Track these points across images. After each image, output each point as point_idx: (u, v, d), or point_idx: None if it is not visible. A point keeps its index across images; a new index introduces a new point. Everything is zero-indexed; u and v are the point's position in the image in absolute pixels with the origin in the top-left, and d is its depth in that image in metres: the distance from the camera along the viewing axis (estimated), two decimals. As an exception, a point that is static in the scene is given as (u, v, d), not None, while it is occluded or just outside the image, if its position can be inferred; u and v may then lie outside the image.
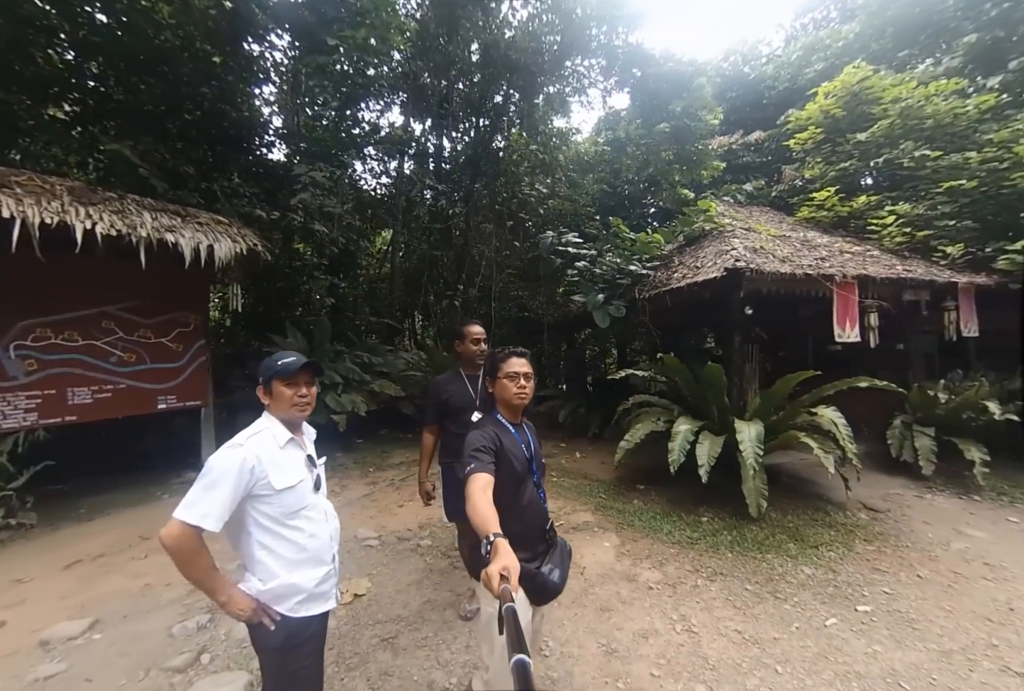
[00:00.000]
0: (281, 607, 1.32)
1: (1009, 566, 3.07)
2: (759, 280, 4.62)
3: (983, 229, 5.40)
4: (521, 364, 1.59)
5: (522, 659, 0.68)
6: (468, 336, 2.47)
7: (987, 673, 2.11)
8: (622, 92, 6.59)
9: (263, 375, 1.39)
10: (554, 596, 1.50)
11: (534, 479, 1.61)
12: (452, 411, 2.47)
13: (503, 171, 7.60)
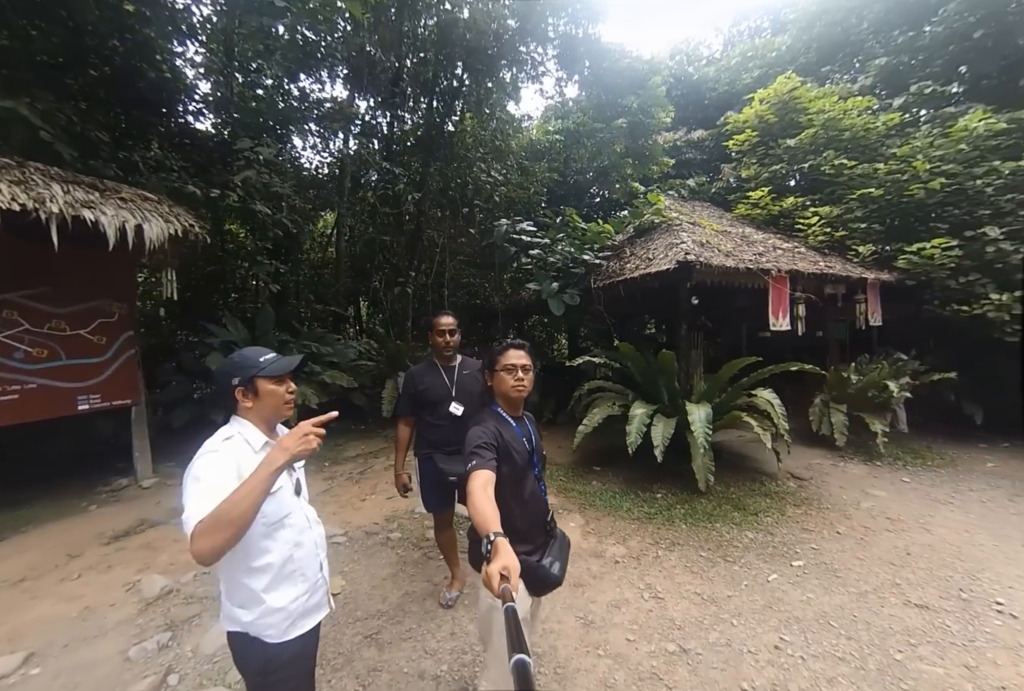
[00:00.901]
0: (265, 634, 1.21)
1: (905, 519, 3.65)
2: (707, 272, 4.95)
3: (887, 232, 6.18)
4: (519, 356, 1.56)
5: (522, 659, 0.68)
6: (436, 327, 2.45)
7: (894, 607, 2.53)
8: (576, 83, 6.66)
9: (241, 374, 1.25)
10: (554, 587, 1.51)
11: (535, 472, 1.60)
12: (429, 402, 2.47)
13: (456, 155, 7.44)
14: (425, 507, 2.57)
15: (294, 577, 1.27)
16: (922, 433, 5.70)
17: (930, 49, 7.68)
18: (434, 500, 2.55)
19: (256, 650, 1.22)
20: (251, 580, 1.20)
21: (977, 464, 4.88)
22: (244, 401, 1.27)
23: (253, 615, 1.20)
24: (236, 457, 1.18)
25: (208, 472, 1.13)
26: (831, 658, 2.15)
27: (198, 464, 1.15)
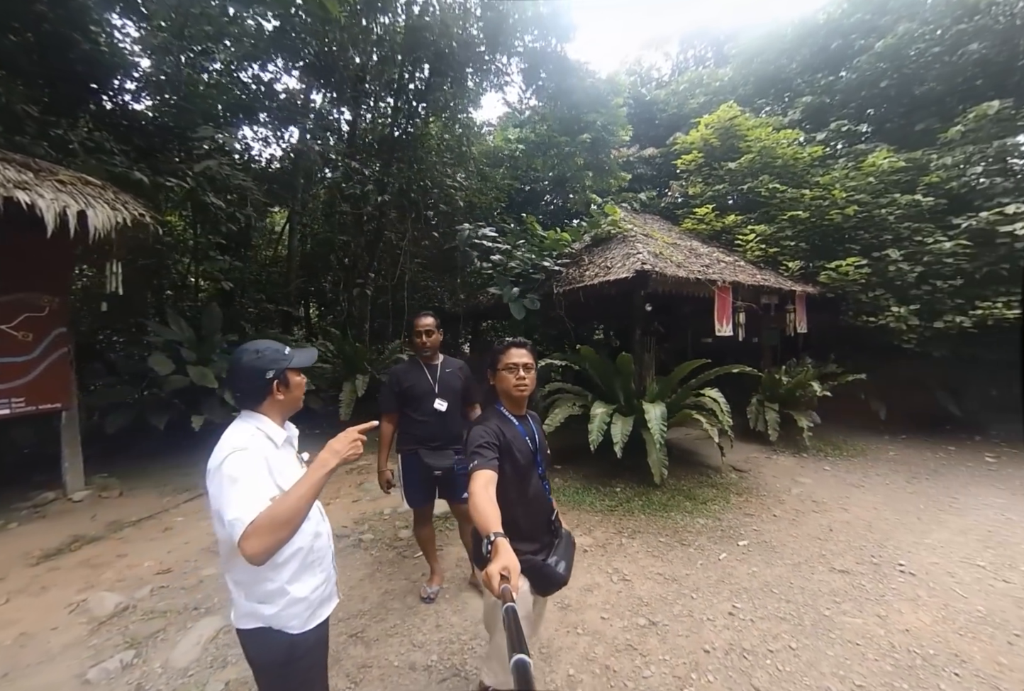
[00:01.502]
0: (289, 626, 1.23)
1: (827, 501, 4.17)
2: (661, 281, 5.31)
3: (812, 250, 6.97)
4: (520, 355, 1.55)
5: (522, 659, 0.68)
6: (415, 328, 2.53)
7: (821, 574, 2.94)
8: (537, 95, 6.90)
9: (274, 367, 1.26)
10: (560, 586, 1.49)
11: (539, 471, 1.59)
12: (413, 399, 2.54)
13: (418, 158, 7.44)
14: (408, 502, 2.62)
15: (314, 567, 1.29)
16: (838, 428, 6.47)
17: (846, 92, 8.78)
18: (418, 495, 2.61)
19: (279, 643, 1.22)
20: (276, 573, 1.20)
21: (882, 453, 5.65)
22: (278, 394, 1.28)
23: (277, 608, 1.21)
24: (264, 453, 1.19)
25: (244, 471, 1.12)
26: (774, 619, 2.47)
27: (230, 463, 1.13)
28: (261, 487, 1.12)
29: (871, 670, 2.09)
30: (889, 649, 2.23)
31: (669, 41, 14.81)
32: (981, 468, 5.08)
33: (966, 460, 5.34)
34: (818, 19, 9.66)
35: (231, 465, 1.12)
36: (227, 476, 1.11)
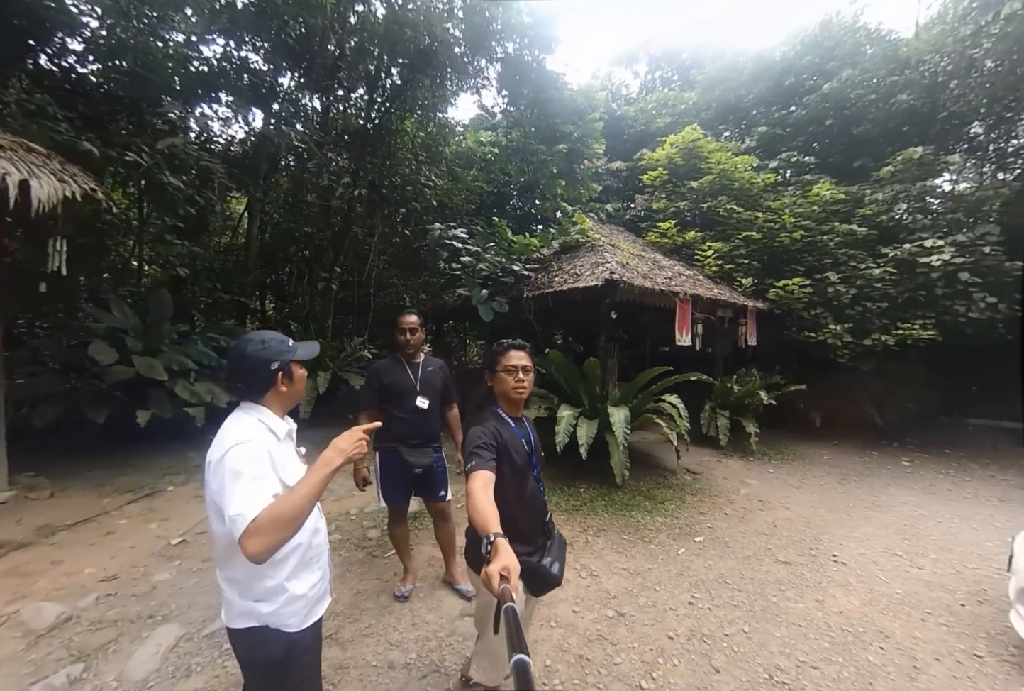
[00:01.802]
0: (287, 624, 1.20)
1: (771, 500, 4.53)
2: (628, 291, 5.53)
3: (763, 268, 7.54)
4: (520, 357, 1.55)
5: (522, 659, 0.68)
6: (399, 325, 2.55)
7: (768, 565, 3.22)
8: (518, 103, 7.00)
9: (280, 359, 1.24)
10: (554, 587, 1.53)
11: (535, 473, 1.60)
12: (394, 396, 2.54)
13: (391, 154, 7.34)
14: (384, 500, 2.61)
15: (312, 564, 1.28)
16: (780, 434, 7.01)
17: (796, 126, 9.59)
18: (395, 493, 2.60)
19: (276, 642, 1.19)
20: (275, 570, 1.18)
21: (817, 457, 6.20)
22: (282, 385, 1.26)
23: (275, 605, 1.18)
24: (267, 446, 1.17)
25: (247, 465, 1.09)
26: (729, 606, 2.69)
27: (233, 456, 1.09)
28: (265, 482, 1.09)
29: (812, 647, 2.34)
30: (826, 629, 2.49)
31: (639, 61, 15.52)
32: (899, 471, 5.70)
33: (886, 463, 5.97)
34: (774, 57, 10.50)
35: (234, 458, 1.09)
36: (230, 470, 1.07)
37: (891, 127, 8.56)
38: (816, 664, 2.21)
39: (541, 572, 1.47)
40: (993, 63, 7.77)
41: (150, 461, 4.92)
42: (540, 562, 1.48)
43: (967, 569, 3.25)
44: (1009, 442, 6.98)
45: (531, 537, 1.55)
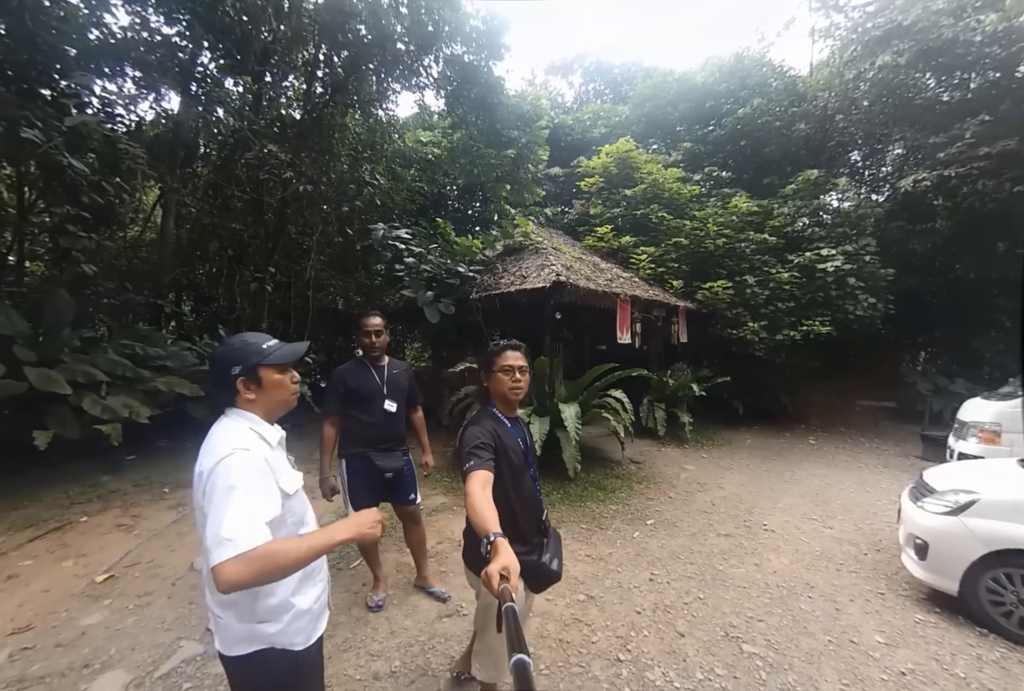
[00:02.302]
0: (294, 642, 1.14)
1: (707, 482, 5.00)
2: (574, 292, 5.79)
3: (691, 272, 8.24)
4: (516, 357, 1.56)
5: (522, 659, 0.68)
6: (362, 328, 2.49)
7: (712, 539, 3.57)
8: (464, 106, 7.00)
9: (242, 362, 1.14)
10: (553, 582, 1.55)
11: (531, 472, 1.61)
12: (360, 400, 2.48)
13: (329, 149, 7.05)
14: (353, 507, 2.52)
15: (314, 576, 1.23)
16: (709, 422, 7.70)
17: (715, 144, 10.62)
18: (365, 499, 2.51)
19: (283, 663, 1.13)
20: (279, 586, 1.11)
21: (742, 441, 6.91)
22: (246, 393, 1.15)
23: (281, 624, 1.11)
24: (264, 454, 1.10)
25: (244, 477, 1.00)
26: (684, 578, 2.96)
27: (228, 467, 1.00)
28: (261, 498, 1.01)
29: (756, 604, 2.66)
30: (765, 587, 2.85)
31: (574, 72, 16.21)
32: (807, 449, 6.54)
33: (797, 443, 6.82)
34: (696, 81, 11.53)
35: (229, 469, 1.00)
36: (224, 483, 0.98)
37: (792, 151, 9.79)
38: (761, 617, 2.53)
39: (541, 569, 1.48)
40: (868, 103, 9.19)
41: (54, 489, 4.26)
42: (540, 560, 1.49)
43: (865, 525, 3.85)
44: (887, 419, 8.27)
45: (528, 536, 1.56)
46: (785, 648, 2.28)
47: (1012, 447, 4.52)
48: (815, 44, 10.89)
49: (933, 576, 2.62)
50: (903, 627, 2.48)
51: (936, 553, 2.59)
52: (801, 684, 2.04)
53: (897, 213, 9.41)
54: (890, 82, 8.45)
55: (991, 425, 4.86)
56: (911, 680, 2.09)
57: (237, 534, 0.92)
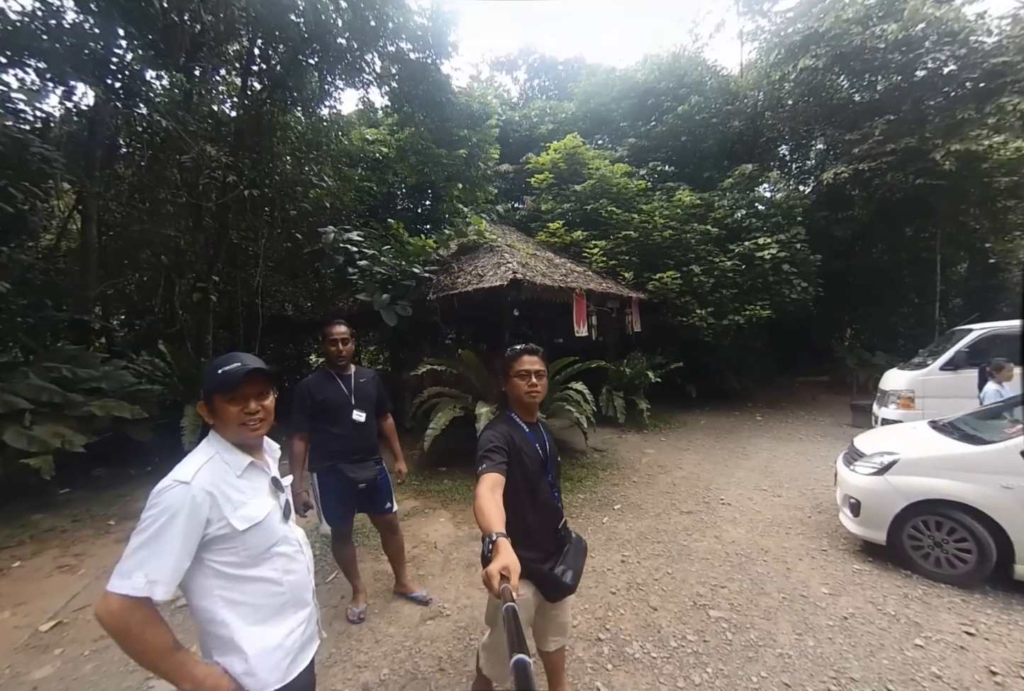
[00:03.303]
0: (269, 683, 1.07)
1: (667, 464, 5.28)
2: (531, 289, 5.85)
3: (641, 264, 8.57)
4: (532, 362, 1.55)
5: (522, 659, 0.68)
6: (328, 336, 2.42)
7: (676, 517, 3.80)
8: (412, 104, 6.83)
9: (203, 388, 1.12)
10: (566, 594, 1.53)
11: (548, 479, 1.58)
12: (329, 412, 2.42)
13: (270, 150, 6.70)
14: (328, 521, 2.46)
15: (286, 610, 1.14)
16: (665, 407, 8.09)
17: (658, 139, 11.05)
18: (339, 513, 2.48)
19: None
20: (240, 620, 1.05)
21: (697, 423, 7.32)
22: (208, 419, 1.13)
23: (247, 664, 1.04)
24: (208, 487, 1.03)
25: (160, 519, 0.95)
26: (653, 556, 3.15)
27: (159, 496, 0.98)
28: (165, 549, 0.95)
29: (720, 573, 2.88)
30: (726, 557, 3.09)
31: (519, 68, 16.27)
32: (755, 425, 7.03)
33: (746, 420, 7.31)
34: (637, 78, 11.91)
35: (157, 499, 0.98)
36: (144, 519, 0.96)
37: (728, 146, 10.38)
38: (724, 584, 2.75)
39: (551, 579, 1.46)
40: (793, 102, 9.90)
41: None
42: (552, 570, 1.47)
43: (808, 491, 4.24)
44: (822, 392, 9.02)
45: (542, 543, 1.53)
46: (746, 609, 2.49)
47: (924, 410, 5.11)
48: (744, 46, 11.58)
49: (865, 530, 2.95)
50: (843, 578, 2.78)
51: (867, 509, 2.91)
52: (762, 639, 2.25)
53: (822, 203, 10.25)
54: (810, 83, 9.16)
55: (906, 392, 5.46)
56: (852, 623, 2.37)
57: (127, 567, 0.93)
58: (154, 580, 0.93)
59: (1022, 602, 2.50)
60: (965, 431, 3.09)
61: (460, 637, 2.37)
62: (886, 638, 2.25)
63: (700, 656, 2.16)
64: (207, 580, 1.04)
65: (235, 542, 1.05)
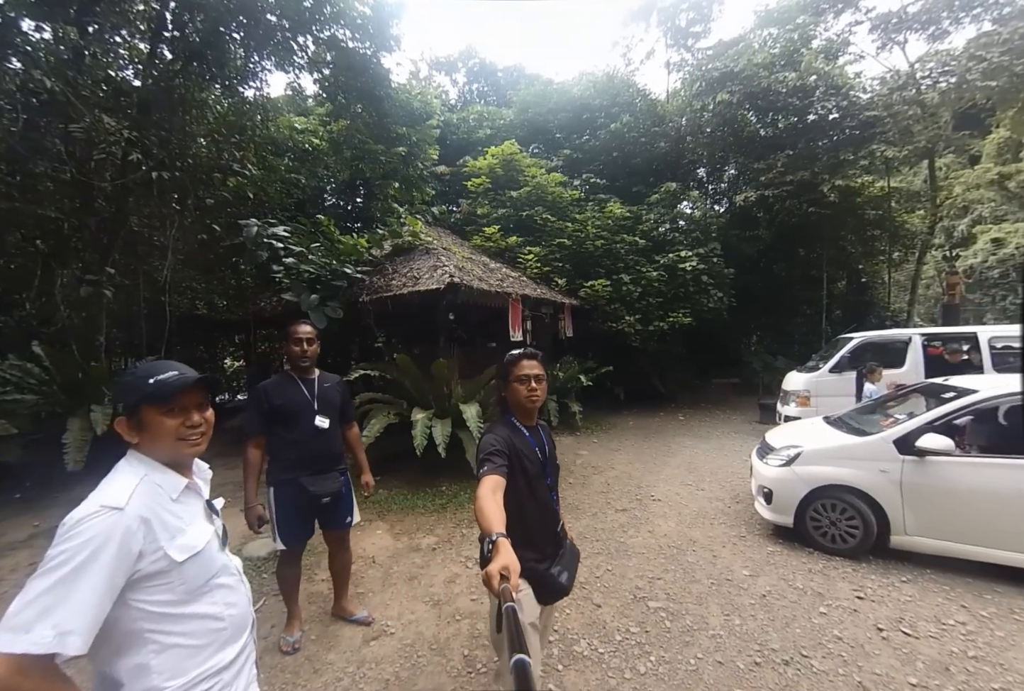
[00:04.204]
0: None
1: (600, 465, 5.50)
2: (468, 293, 5.80)
3: (574, 270, 8.89)
4: (532, 366, 1.58)
5: (522, 659, 0.68)
6: (291, 336, 2.28)
7: (612, 515, 3.96)
8: (348, 95, 6.47)
9: (125, 399, 0.98)
10: (562, 596, 1.56)
11: (547, 482, 1.61)
12: (288, 417, 2.23)
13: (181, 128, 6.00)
14: (283, 541, 2.24)
15: (202, 650, 0.98)
16: (595, 409, 8.44)
17: (591, 152, 11.62)
18: (296, 530, 2.27)
19: None
20: (173, 661, 0.92)
21: (626, 424, 7.73)
22: (127, 435, 0.97)
23: None
24: (143, 514, 0.90)
25: (79, 554, 0.80)
26: (593, 554, 3.26)
27: (81, 526, 0.82)
28: (89, 587, 0.79)
29: (654, 566, 3.06)
30: (659, 549, 3.28)
31: (458, 71, 16.20)
32: (678, 424, 7.58)
33: (670, 420, 7.86)
34: (574, 93, 12.46)
35: (77, 529, 0.82)
36: (56, 550, 0.80)
37: (654, 164, 11.19)
38: (660, 576, 2.92)
39: (547, 580, 1.49)
40: (711, 130, 10.97)
41: None
42: (548, 570, 1.50)
43: (728, 483, 4.65)
44: (734, 393, 9.98)
45: (541, 545, 1.55)
46: (681, 597, 2.67)
47: (817, 408, 5.85)
48: (670, 75, 12.62)
49: (777, 515, 3.30)
50: (760, 560, 3.09)
51: (778, 497, 3.27)
52: (696, 623, 2.43)
53: (734, 222, 11.42)
54: (726, 115, 10.23)
55: (804, 392, 6.22)
56: (769, 599, 2.64)
57: (28, 617, 0.75)
58: (66, 631, 0.76)
59: (897, 567, 2.96)
60: (852, 425, 3.58)
61: (407, 655, 2.27)
62: (797, 610, 2.53)
63: (643, 646, 2.26)
64: (132, 624, 0.88)
65: (171, 576, 0.92)
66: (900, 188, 12.35)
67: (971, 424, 3.30)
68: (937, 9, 10.16)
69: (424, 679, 2.10)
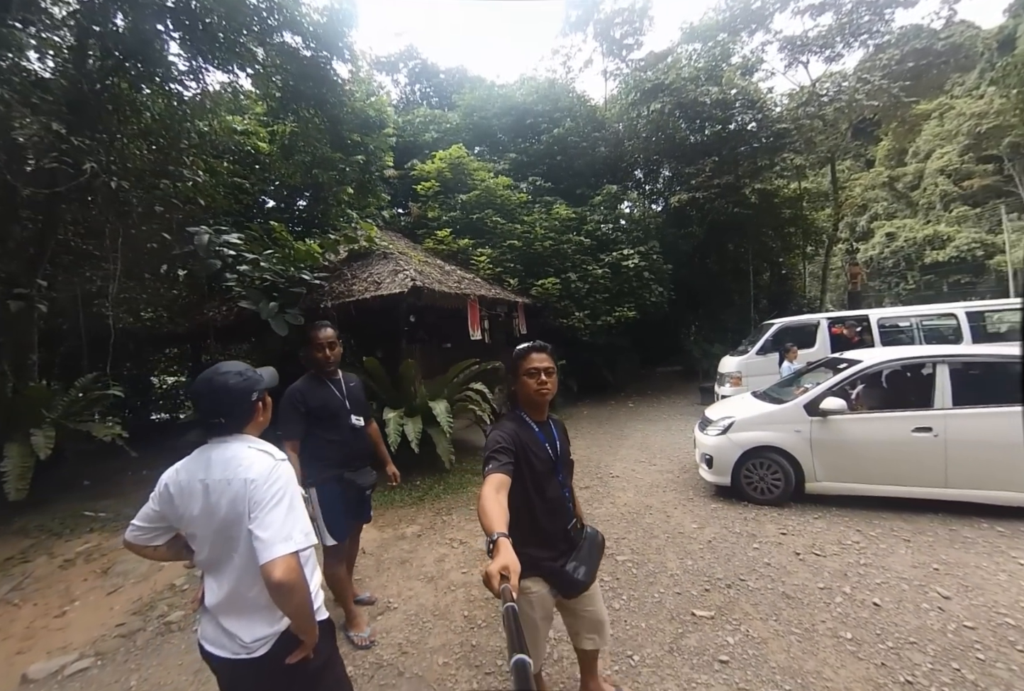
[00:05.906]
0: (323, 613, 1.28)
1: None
2: (430, 296, 6.00)
3: (525, 270, 9.27)
4: (541, 359, 1.54)
5: (522, 659, 0.69)
6: (315, 341, 2.31)
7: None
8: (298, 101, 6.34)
9: (258, 388, 1.26)
10: (581, 590, 1.54)
11: (558, 478, 1.58)
12: (326, 418, 2.30)
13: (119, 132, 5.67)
14: (333, 537, 2.28)
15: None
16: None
17: (536, 156, 12.06)
18: (343, 524, 2.34)
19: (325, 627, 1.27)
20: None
21: (581, 414, 8.26)
22: (260, 415, 1.30)
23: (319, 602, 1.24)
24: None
25: (289, 489, 1.15)
26: (566, 525, 3.62)
27: (280, 473, 1.16)
28: (303, 512, 1.17)
29: (617, 529, 3.50)
30: (622, 516, 3.74)
31: (400, 71, 16.04)
32: (629, 411, 8.22)
33: (621, 408, 8.49)
34: (517, 98, 12.79)
35: (281, 476, 1.16)
36: (278, 488, 1.13)
37: (596, 167, 11.84)
38: (624, 536, 3.36)
39: (564, 576, 1.50)
40: (646, 135, 11.81)
41: None
42: (563, 567, 1.51)
43: (676, 457, 5.24)
44: (677, 380, 10.85)
45: (554, 542, 1.55)
46: (642, 550, 3.12)
47: (748, 386, 6.63)
48: (607, 82, 13.37)
49: (717, 477, 3.86)
50: (706, 514, 3.63)
51: (717, 461, 3.82)
52: (657, 568, 2.88)
53: (671, 221, 12.37)
54: (659, 122, 11.08)
55: (736, 373, 7.00)
56: (714, 543, 3.17)
57: (287, 531, 1.08)
58: (307, 532, 1.13)
59: (811, 508, 3.63)
60: (773, 396, 4.23)
61: (414, 623, 2.51)
62: (735, 548, 3.07)
63: (616, 590, 2.68)
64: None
65: None
66: (810, 189, 13.94)
67: (863, 388, 4.03)
68: (831, 34, 11.64)
69: (433, 639, 2.36)
